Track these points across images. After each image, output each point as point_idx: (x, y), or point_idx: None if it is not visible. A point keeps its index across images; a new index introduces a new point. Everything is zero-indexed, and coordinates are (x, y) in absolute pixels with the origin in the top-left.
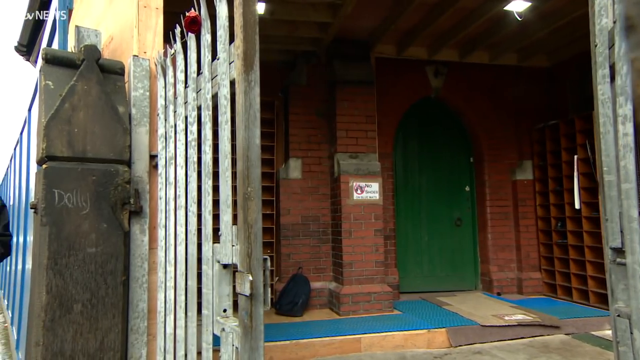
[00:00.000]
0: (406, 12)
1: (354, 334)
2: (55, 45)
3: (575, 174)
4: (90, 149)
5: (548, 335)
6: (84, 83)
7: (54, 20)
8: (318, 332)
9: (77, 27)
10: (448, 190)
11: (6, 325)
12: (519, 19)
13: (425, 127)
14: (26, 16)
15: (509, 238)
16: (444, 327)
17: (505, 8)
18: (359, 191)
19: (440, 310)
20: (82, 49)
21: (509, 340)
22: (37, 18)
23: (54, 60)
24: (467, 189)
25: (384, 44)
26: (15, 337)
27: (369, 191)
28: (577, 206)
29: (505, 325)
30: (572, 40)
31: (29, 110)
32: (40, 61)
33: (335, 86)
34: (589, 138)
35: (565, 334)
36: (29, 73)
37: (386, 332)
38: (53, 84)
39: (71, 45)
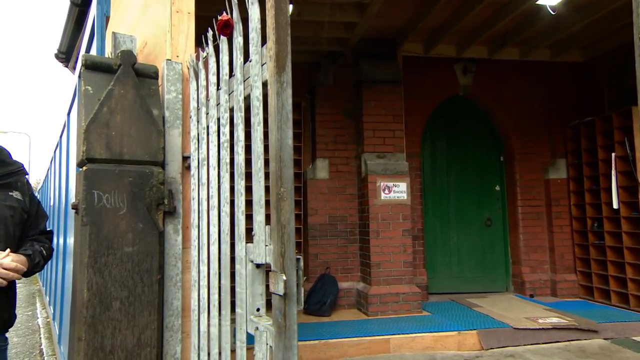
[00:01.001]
0: (434, 9)
1: (383, 335)
2: (93, 52)
3: (613, 172)
4: (126, 151)
5: (585, 339)
6: (121, 87)
7: (92, 28)
8: (346, 332)
9: (113, 33)
10: (477, 189)
11: (49, 320)
12: (552, 13)
13: (453, 126)
14: (66, 25)
15: (542, 239)
16: (474, 329)
17: (538, 2)
18: (386, 191)
19: (471, 312)
20: (119, 54)
21: (543, 344)
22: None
23: (92, 66)
24: (497, 188)
25: (411, 42)
26: (58, 332)
27: (396, 191)
28: (615, 206)
29: (539, 329)
30: (609, 34)
31: (68, 114)
32: (79, 67)
33: (362, 86)
34: (627, 135)
35: (604, 339)
36: (68, 79)
37: (415, 333)
38: (92, 88)
39: (108, 51)
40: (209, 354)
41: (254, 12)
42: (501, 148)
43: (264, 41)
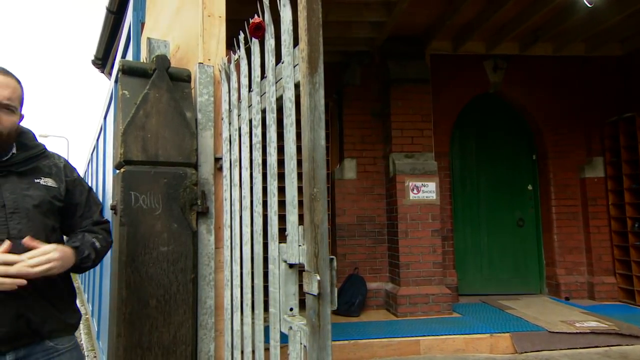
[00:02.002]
0: (463, 6)
1: (413, 336)
2: (129, 57)
3: None
4: (161, 153)
5: (627, 345)
6: (156, 91)
7: (128, 34)
8: (376, 332)
9: (148, 38)
10: (509, 189)
11: (87, 317)
12: (589, 6)
13: (483, 124)
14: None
15: (578, 239)
16: (507, 332)
17: None
18: (415, 191)
19: (503, 314)
20: (154, 59)
21: (580, 349)
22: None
23: (129, 71)
24: (530, 187)
25: (439, 40)
26: (96, 329)
27: (425, 191)
28: None
29: (577, 333)
30: None
31: (104, 118)
32: (115, 72)
33: (390, 85)
34: None
35: None
36: (104, 84)
37: (446, 335)
38: (129, 93)
39: (143, 56)
40: (242, 352)
41: (285, 14)
42: (533, 146)
43: (295, 43)
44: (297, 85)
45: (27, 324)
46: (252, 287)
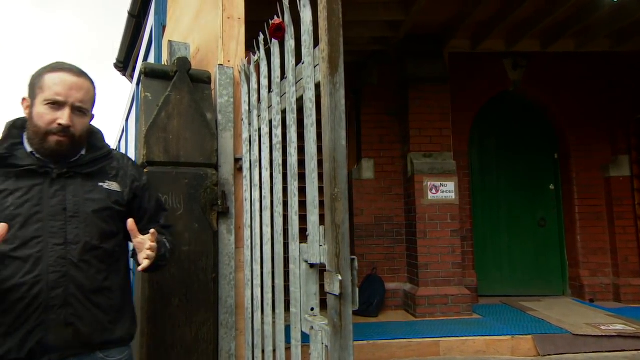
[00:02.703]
0: (482, 3)
1: (432, 337)
2: (151, 59)
3: None
4: (182, 154)
5: None
6: (177, 93)
7: (150, 37)
8: (394, 333)
9: (169, 41)
10: (530, 188)
11: None
12: (614, 0)
13: (503, 123)
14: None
15: (602, 240)
16: (529, 334)
17: None
18: (433, 191)
19: (525, 316)
20: (175, 61)
21: (606, 352)
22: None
23: (151, 74)
24: (552, 187)
25: (458, 38)
26: None
27: (444, 191)
28: None
29: (602, 336)
30: None
31: (126, 120)
32: (136, 75)
33: (408, 84)
34: None
35: None
36: (125, 87)
37: (466, 336)
38: (151, 95)
39: (164, 59)
40: (263, 351)
41: (306, 14)
42: (555, 145)
43: (315, 43)
44: (317, 86)
45: (75, 333)
46: (273, 286)
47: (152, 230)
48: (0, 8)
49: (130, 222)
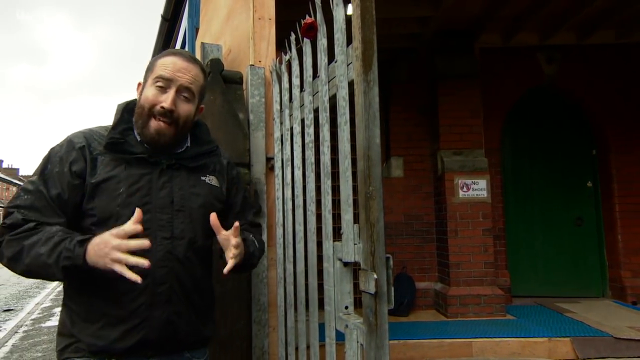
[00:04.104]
0: None
1: (465, 338)
2: None
3: None
4: None
5: None
6: (210, 93)
7: (183, 39)
8: (426, 333)
9: (202, 43)
10: (565, 186)
11: None
12: None
13: (536, 119)
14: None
15: None
16: (567, 337)
17: None
18: (464, 189)
19: (562, 318)
20: (208, 63)
21: None
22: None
23: None
24: (589, 184)
25: (489, 33)
26: None
27: (475, 189)
28: None
29: None
30: None
31: None
32: None
33: (437, 81)
34: None
35: None
36: None
37: (500, 337)
38: None
39: None
40: (296, 349)
41: (339, 12)
42: (593, 141)
43: (348, 41)
44: (350, 84)
45: (174, 332)
46: (306, 284)
47: (235, 224)
48: (47, 34)
49: (213, 217)
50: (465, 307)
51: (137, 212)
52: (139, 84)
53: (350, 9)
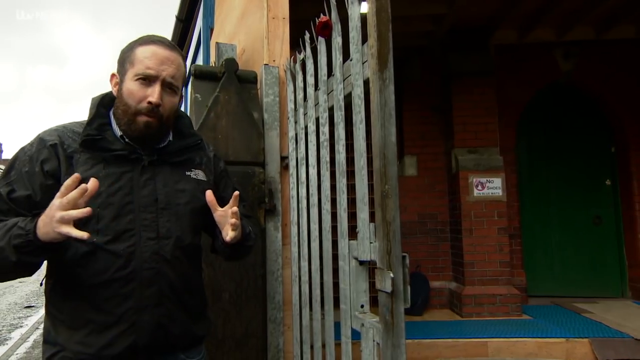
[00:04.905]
0: None
1: (480, 338)
2: (199, 61)
3: None
4: (231, 153)
5: None
6: (225, 93)
7: (198, 39)
8: (440, 332)
9: (217, 43)
10: (583, 184)
11: None
12: None
13: (553, 116)
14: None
15: None
16: (586, 337)
17: None
18: (479, 187)
19: (579, 318)
20: (223, 62)
21: None
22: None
23: (200, 75)
24: (608, 182)
25: (504, 29)
26: None
27: (490, 187)
28: None
29: None
30: None
31: None
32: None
33: (451, 79)
34: None
35: None
36: None
37: (516, 337)
38: (200, 96)
39: (212, 60)
40: (311, 347)
41: (354, 11)
42: (611, 138)
43: (363, 40)
44: (366, 82)
45: (165, 335)
46: (322, 283)
47: (235, 193)
48: (65, 36)
49: (209, 194)
50: (481, 307)
51: (92, 181)
52: (113, 75)
53: (365, 7)
